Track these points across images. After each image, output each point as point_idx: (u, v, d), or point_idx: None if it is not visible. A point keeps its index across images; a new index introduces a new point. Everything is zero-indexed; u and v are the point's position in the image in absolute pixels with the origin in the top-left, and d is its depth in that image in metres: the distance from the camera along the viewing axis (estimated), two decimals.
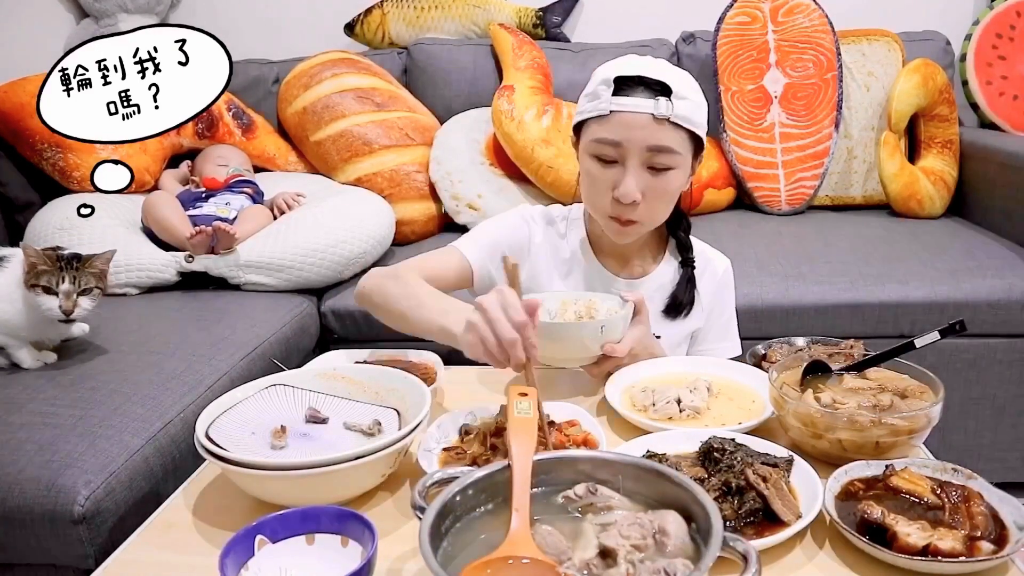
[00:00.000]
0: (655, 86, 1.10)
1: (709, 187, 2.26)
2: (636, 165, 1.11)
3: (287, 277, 1.80)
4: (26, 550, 1.10)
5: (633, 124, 1.10)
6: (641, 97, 1.10)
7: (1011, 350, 1.75)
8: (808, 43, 2.24)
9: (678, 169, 1.13)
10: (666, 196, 1.15)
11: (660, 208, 1.17)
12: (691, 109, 1.12)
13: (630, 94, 1.10)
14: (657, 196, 1.14)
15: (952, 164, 2.22)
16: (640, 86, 1.10)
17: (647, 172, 1.12)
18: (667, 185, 1.13)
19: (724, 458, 0.81)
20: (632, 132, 1.10)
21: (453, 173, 2.17)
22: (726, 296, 1.32)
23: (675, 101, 1.09)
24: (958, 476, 0.79)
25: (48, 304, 1.29)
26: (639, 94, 1.10)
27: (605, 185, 1.14)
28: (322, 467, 0.77)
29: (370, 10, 2.55)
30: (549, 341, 1.03)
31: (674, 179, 1.14)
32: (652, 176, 1.12)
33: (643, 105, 1.09)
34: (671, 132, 1.10)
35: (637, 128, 1.10)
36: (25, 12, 2.45)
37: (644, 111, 1.09)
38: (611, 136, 1.11)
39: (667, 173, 1.12)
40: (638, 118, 1.09)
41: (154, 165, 2.08)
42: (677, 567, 0.57)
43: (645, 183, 1.12)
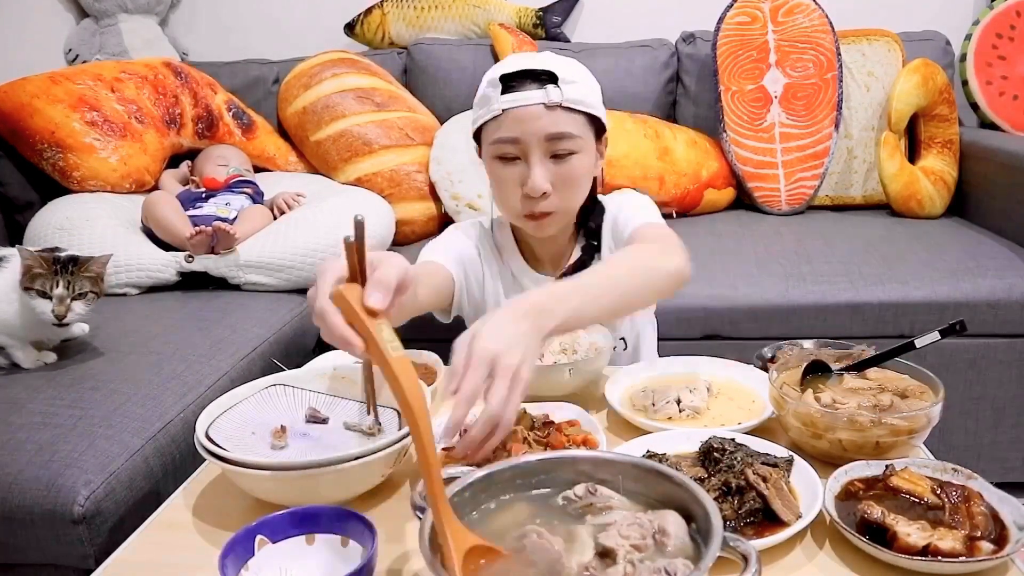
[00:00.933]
0: (542, 75, 1.10)
1: (709, 187, 2.26)
2: (539, 157, 1.12)
3: (287, 277, 1.80)
4: (26, 550, 1.10)
5: (527, 117, 1.10)
6: (529, 90, 1.10)
7: (1011, 350, 1.75)
8: (808, 43, 2.24)
9: (581, 153, 1.14)
10: (574, 182, 1.15)
11: (571, 195, 1.17)
12: (582, 92, 1.12)
13: (518, 89, 1.11)
14: (566, 183, 1.14)
15: (952, 164, 2.22)
16: (527, 80, 1.11)
17: (551, 162, 1.12)
18: (573, 171, 1.14)
19: (724, 458, 0.81)
20: (527, 125, 1.10)
21: (453, 173, 2.17)
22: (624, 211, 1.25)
23: (563, 86, 1.10)
24: (958, 476, 0.79)
25: (42, 308, 1.29)
26: (527, 87, 1.11)
27: (513, 183, 1.14)
28: (322, 467, 0.77)
29: (370, 10, 2.55)
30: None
31: (579, 163, 1.14)
32: (557, 164, 1.13)
33: (533, 96, 1.10)
34: (566, 117, 1.11)
35: (531, 120, 1.10)
36: (25, 12, 2.45)
37: (535, 102, 1.10)
38: (508, 134, 1.12)
39: (570, 159, 1.13)
40: (530, 110, 1.10)
41: (154, 165, 2.08)
42: (677, 567, 0.57)
43: (551, 173, 1.12)
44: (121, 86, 2.08)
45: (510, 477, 0.66)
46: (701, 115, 2.36)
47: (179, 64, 2.26)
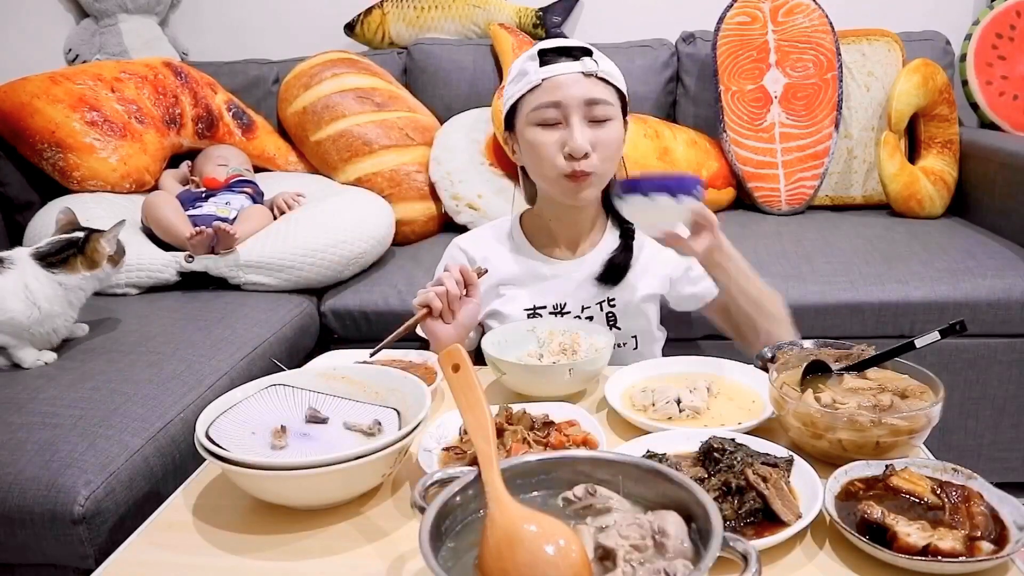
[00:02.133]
0: (576, 51, 1.20)
1: (709, 187, 2.26)
2: (579, 120, 1.19)
3: (287, 277, 1.80)
4: (26, 550, 1.10)
5: (566, 82, 1.19)
6: (566, 62, 1.20)
7: (1011, 350, 1.75)
8: (808, 43, 2.24)
9: (615, 120, 1.21)
10: (611, 145, 1.21)
11: (609, 159, 1.22)
12: (612, 68, 1.23)
13: (556, 62, 1.20)
14: (604, 146, 1.20)
15: (952, 164, 2.22)
16: (563, 54, 1.20)
17: (589, 126, 1.19)
18: (610, 135, 1.21)
19: (724, 458, 0.81)
20: (567, 89, 1.18)
21: (453, 173, 2.17)
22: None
23: (598, 59, 1.20)
24: (958, 476, 0.79)
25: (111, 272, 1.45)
26: (563, 60, 1.20)
27: (555, 147, 1.20)
28: (322, 467, 0.77)
29: (370, 10, 2.55)
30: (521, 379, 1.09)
31: (614, 129, 1.22)
32: (595, 128, 1.20)
33: (571, 67, 1.19)
34: (601, 86, 1.20)
35: (571, 85, 1.18)
36: (25, 12, 2.45)
37: (573, 71, 1.19)
38: (550, 98, 1.19)
39: (607, 124, 1.21)
40: (569, 77, 1.19)
41: (154, 165, 2.08)
42: (677, 568, 0.57)
43: (592, 135, 1.19)
44: (121, 86, 2.08)
45: (510, 477, 0.66)
46: (701, 115, 2.36)
47: (179, 64, 2.26)
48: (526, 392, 1.09)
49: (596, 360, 1.09)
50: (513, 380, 1.09)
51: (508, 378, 1.09)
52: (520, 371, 1.08)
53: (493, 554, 0.60)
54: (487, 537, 0.61)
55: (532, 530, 0.60)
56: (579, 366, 1.06)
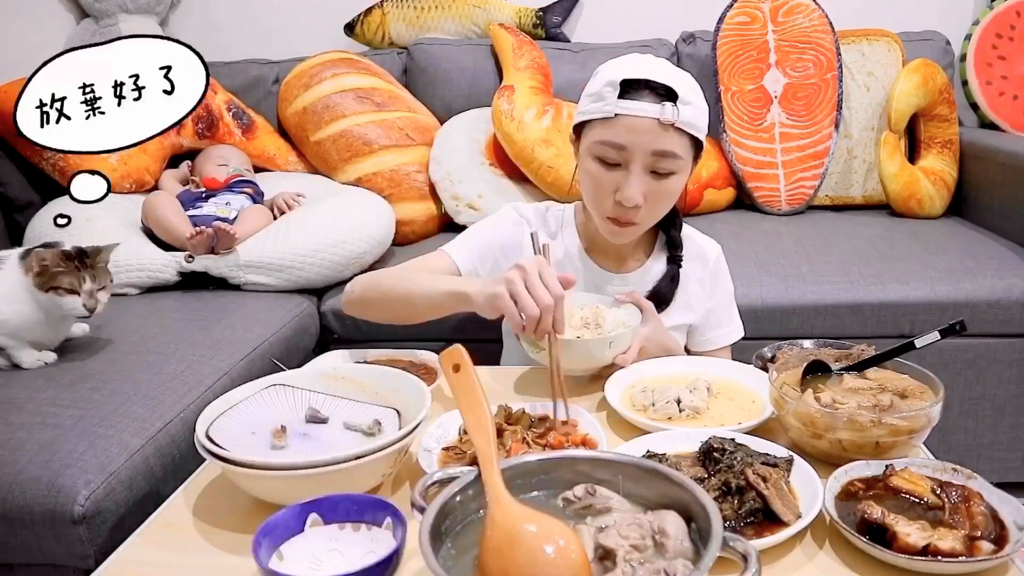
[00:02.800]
0: (661, 90, 1.09)
1: (709, 187, 2.26)
2: (639, 169, 1.11)
3: (287, 277, 1.80)
4: (26, 550, 1.10)
5: (638, 128, 1.09)
6: (647, 101, 1.09)
7: (1011, 350, 1.75)
8: (808, 43, 2.24)
9: (679, 173, 1.14)
10: (667, 199, 1.16)
11: (660, 211, 1.18)
12: (695, 114, 1.11)
13: (636, 98, 1.09)
14: (658, 200, 1.15)
15: (952, 164, 2.22)
16: (646, 90, 1.10)
17: (649, 176, 1.12)
18: (669, 189, 1.14)
19: (724, 458, 0.81)
20: (637, 136, 1.09)
21: (453, 173, 2.17)
22: (721, 282, 1.33)
23: (680, 107, 1.09)
24: (958, 476, 0.79)
25: (71, 304, 1.29)
26: (645, 98, 1.09)
27: (608, 187, 1.14)
28: (322, 467, 0.77)
29: (370, 10, 2.55)
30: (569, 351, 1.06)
31: (675, 183, 1.14)
32: (654, 180, 1.12)
33: (649, 110, 1.09)
34: (675, 137, 1.10)
35: (642, 132, 1.09)
36: (25, 12, 2.45)
37: (650, 116, 1.09)
38: (616, 139, 1.11)
39: (669, 178, 1.13)
40: (643, 123, 1.09)
41: (154, 165, 2.08)
42: (677, 568, 0.57)
43: (648, 186, 1.12)
44: None
45: (510, 477, 0.66)
46: None
47: None
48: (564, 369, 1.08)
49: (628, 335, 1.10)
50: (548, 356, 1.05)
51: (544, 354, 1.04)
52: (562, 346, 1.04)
53: (493, 554, 0.60)
54: (487, 537, 0.61)
55: (532, 530, 0.60)
56: (619, 337, 1.07)
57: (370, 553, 0.72)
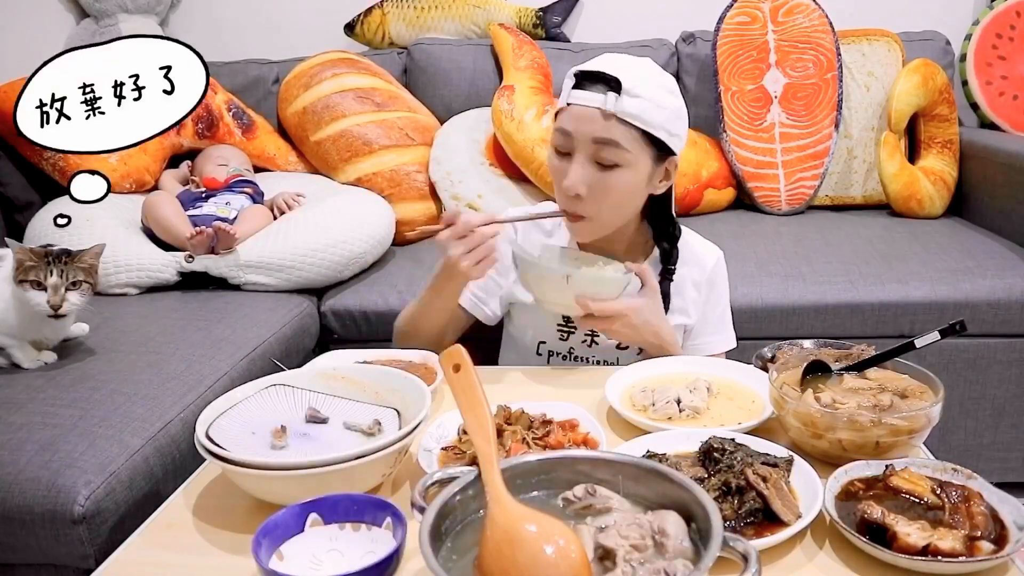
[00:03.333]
0: (612, 82, 1.11)
1: (709, 187, 2.26)
2: (583, 158, 1.13)
3: (287, 277, 1.80)
4: (26, 550, 1.10)
5: (582, 116, 1.12)
6: (595, 92, 1.12)
7: (1011, 350, 1.75)
8: (808, 43, 2.24)
9: (626, 168, 1.13)
10: (612, 194, 1.15)
11: (606, 207, 1.17)
12: (642, 107, 1.11)
13: (586, 88, 1.13)
14: (602, 192, 1.14)
15: (952, 164, 2.22)
16: (598, 82, 1.12)
17: (594, 166, 1.13)
18: (613, 181, 1.13)
19: (724, 458, 0.81)
20: (581, 124, 1.12)
21: (453, 173, 2.17)
22: (718, 289, 1.31)
23: (625, 97, 1.10)
24: (958, 476, 0.79)
25: (36, 299, 1.27)
26: (595, 88, 1.12)
27: (559, 176, 1.17)
28: (322, 467, 0.77)
29: (370, 10, 2.55)
30: (527, 277, 1.15)
31: (621, 178, 1.13)
32: (599, 171, 1.13)
33: (594, 99, 1.11)
34: (618, 127, 1.11)
35: (586, 120, 1.12)
36: (25, 12, 2.45)
37: (593, 105, 1.11)
38: (564, 126, 1.14)
39: (614, 170, 1.13)
40: (587, 111, 1.12)
41: (154, 165, 2.08)
42: (677, 568, 0.57)
43: (590, 177, 1.13)
44: None
45: (510, 477, 0.66)
46: (701, 115, 2.36)
47: None
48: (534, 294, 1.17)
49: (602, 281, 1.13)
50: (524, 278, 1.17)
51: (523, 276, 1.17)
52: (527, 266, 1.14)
53: (493, 554, 0.60)
54: (487, 537, 0.61)
55: (532, 530, 0.60)
56: (577, 276, 1.10)
57: (370, 553, 0.72)
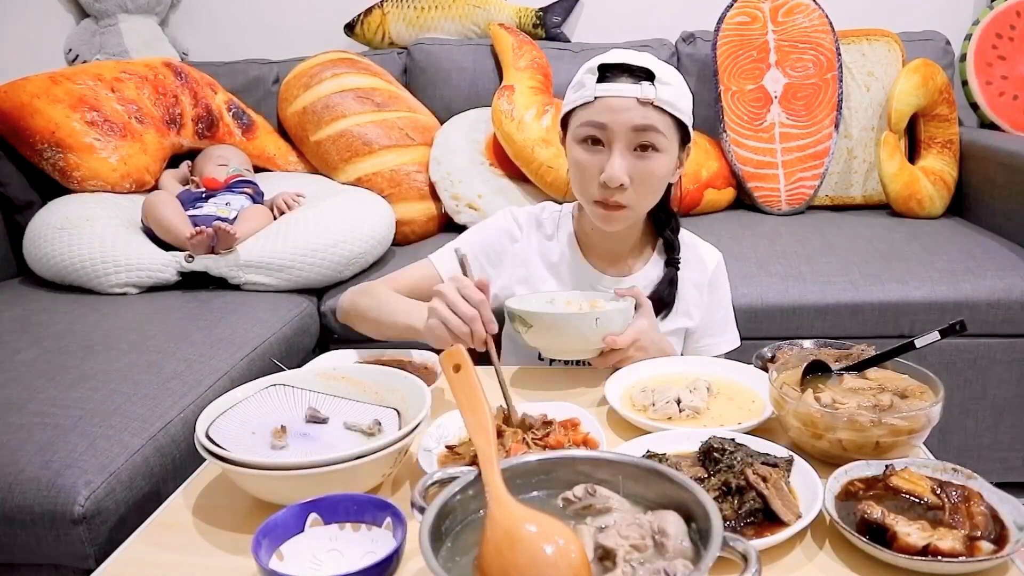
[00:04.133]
0: (639, 72, 1.12)
1: (709, 187, 2.26)
2: (622, 147, 1.13)
3: (287, 277, 1.80)
4: (26, 550, 1.10)
5: (618, 107, 1.12)
6: (625, 83, 1.12)
7: (1011, 350, 1.75)
8: (808, 43, 2.24)
9: (664, 153, 1.15)
10: (652, 180, 1.16)
11: (647, 193, 1.18)
12: (674, 95, 1.14)
13: (614, 80, 1.13)
14: (643, 179, 1.15)
15: (952, 164, 2.22)
16: (624, 73, 1.13)
17: (633, 155, 1.14)
18: (653, 167, 1.15)
19: (724, 458, 0.81)
20: (617, 115, 1.12)
21: (453, 173, 2.17)
22: (720, 290, 1.32)
23: (658, 86, 1.12)
24: (958, 476, 0.79)
25: None
26: (623, 80, 1.13)
27: (593, 169, 1.15)
28: (322, 467, 0.77)
29: (370, 10, 2.55)
30: (548, 332, 1.09)
31: (660, 162, 1.15)
32: (638, 159, 1.14)
33: (627, 90, 1.12)
34: (655, 114, 1.12)
35: (622, 110, 1.12)
36: (25, 12, 2.45)
37: (628, 95, 1.12)
38: (597, 118, 1.13)
39: (653, 156, 1.14)
40: (623, 101, 1.12)
41: (154, 165, 2.08)
42: (677, 568, 0.57)
43: (632, 166, 1.13)
44: (121, 86, 2.08)
45: (510, 477, 0.66)
46: (701, 115, 2.33)
47: (179, 64, 2.26)
48: (548, 347, 1.11)
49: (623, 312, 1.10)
50: (537, 335, 1.10)
51: (533, 333, 1.09)
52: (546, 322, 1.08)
53: (493, 553, 0.60)
54: (487, 537, 0.61)
55: (532, 530, 0.60)
56: (606, 315, 1.07)
57: (370, 553, 0.72)
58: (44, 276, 1.82)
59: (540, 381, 1.15)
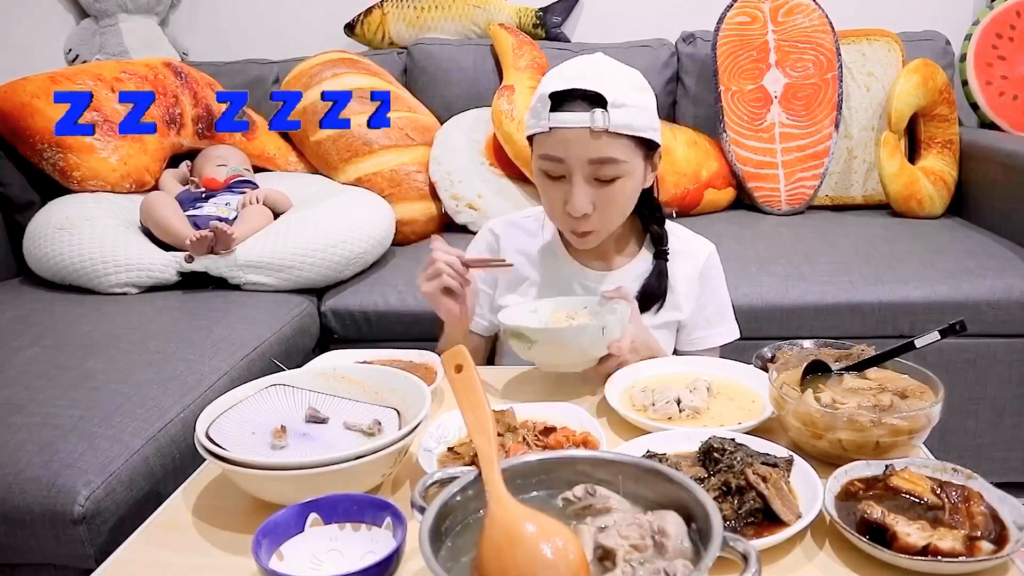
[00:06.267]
0: (592, 97, 1.09)
1: (709, 187, 2.26)
2: (581, 179, 1.11)
3: (287, 277, 1.80)
4: (26, 550, 1.10)
5: (572, 139, 1.09)
6: (578, 111, 1.09)
7: (1011, 350, 1.75)
8: (808, 43, 2.24)
9: (625, 177, 1.13)
10: (616, 205, 1.16)
11: (613, 215, 1.17)
12: (630, 115, 1.10)
13: (567, 108, 1.09)
14: (608, 205, 1.14)
15: (952, 164, 2.23)
16: (578, 99, 1.09)
17: (594, 184, 1.12)
18: (616, 194, 1.14)
19: (724, 458, 0.81)
20: (572, 148, 1.10)
21: (453, 173, 2.17)
22: (713, 281, 1.31)
23: (611, 111, 1.08)
24: (958, 476, 0.79)
25: None
26: (576, 107, 1.09)
27: (557, 200, 1.15)
28: (322, 467, 0.77)
29: (370, 10, 2.55)
30: (551, 347, 1.06)
31: (622, 187, 1.14)
32: (600, 187, 1.12)
33: (580, 120, 1.08)
34: (611, 142, 1.10)
35: (576, 143, 1.09)
36: (25, 12, 2.45)
37: (581, 125, 1.08)
38: (553, 152, 1.11)
39: (614, 183, 1.13)
40: (576, 132, 1.09)
41: (154, 165, 2.08)
42: (677, 568, 0.57)
43: (594, 195, 1.13)
44: (121, 86, 2.08)
45: (510, 477, 0.66)
46: (701, 115, 2.37)
47: (179, 64, 2.26)
48: (552, 363, 1.10)
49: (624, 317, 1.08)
50: (541, 351, 1.06)
51: (537, 349, 1.06)
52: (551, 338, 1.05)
53: (493, 553, 0.60)
54: (486, 536, 0.61)
55: (531, 530, 0.60)
56: (611, 324, 1.04)
57: (370, 553, 0.72)
58: (44, 276, 1.82)
59: (540, 382, 1.15)
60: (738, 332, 1.33)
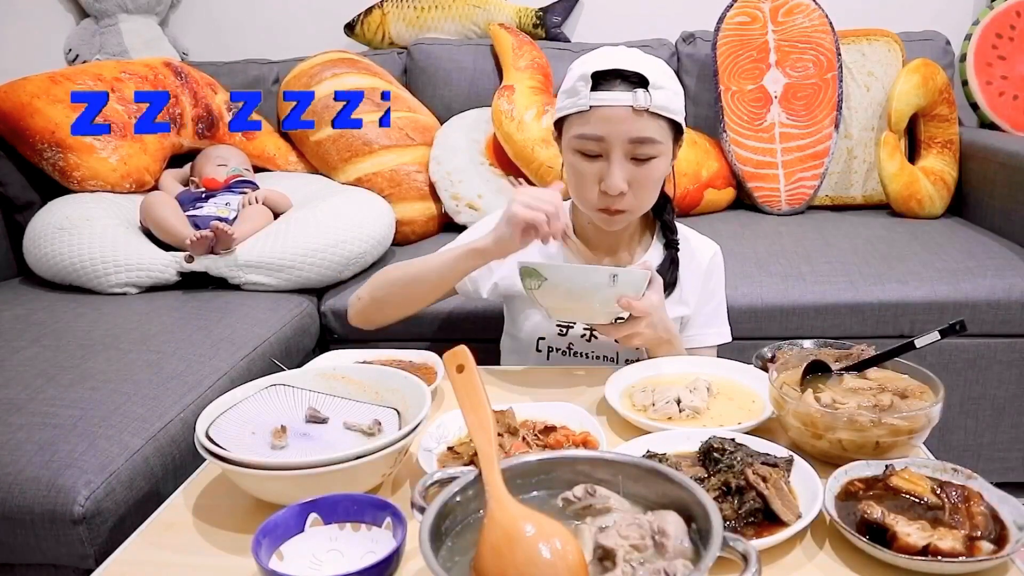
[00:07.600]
0: (632, 78, 1.12)
1: (709, 187, 2.26)
2: (620, 157, 1.13)
3: (287, 277, 1.80)
4: (26, 550, 1.10)
5: (613, 118, 1.12)
6: (619, 91, 1.12)
7: (1011, 350, 1.75)
8: (808, 43, 2.24)
9: (660, 157, 1.16)
10: (651, 184, 1.18)
11: (646, 195, 1.19)
12: (668, 98, 1.14)
13: (608, 88, 1.13)
14: (642, 185, 1.16)
15: (952, 164, 2.22)
16: (617, 79, 1.13)
17: (631, 163, 1.14)
18: (651, 173, 1.16)
19: (724, 458, 0.81)
20: (613, 126, 1.12)
21: (453, 173, 2.17)
22: (714, 282, 1.33)
23: (652, 92, 1.12)
24: (958, 476, 0.79)
25: None
26: (617, 87, 1.12)
27: (591, 179, 1.16)
28: (322, 467, 0.77)
29: (370, 10, 2.55)
30: (563, 286, 1.08)
31: (657, 167, 1.16)
32: (636, 166, 1.15)
33: (622, 98, 1.11)
34: (651, 122, 1.13)
35: (617, 122, 1.12)
36: (25, 12, 2.45)
37: (623, 104, 1.11)
38: (593, 131, 1.13)
39: (650, 162, 1.15)
40: (618, 111, 1.12)
41: (154, 165, 2.08)
42: (677, 568, 0.57)
43: (630, 174, 1.14)
44: (121, 86, 2.07)
45: (510, 477, 0.66)
46: (701, 115, 2.36)
47: (179, 64, 2.26)
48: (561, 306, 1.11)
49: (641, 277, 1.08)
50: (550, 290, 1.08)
51: (546, 288, 1.07)
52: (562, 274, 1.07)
53: (492, 553, 0.60)
54: (486, 536, 0.61)
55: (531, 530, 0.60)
56: (624, 273, 1.05)
57: (370, 553, 0.72)
58: (44, 276, 1.82)
59: (540, 381, 1.15)
60: (730, 335, 1.34)
